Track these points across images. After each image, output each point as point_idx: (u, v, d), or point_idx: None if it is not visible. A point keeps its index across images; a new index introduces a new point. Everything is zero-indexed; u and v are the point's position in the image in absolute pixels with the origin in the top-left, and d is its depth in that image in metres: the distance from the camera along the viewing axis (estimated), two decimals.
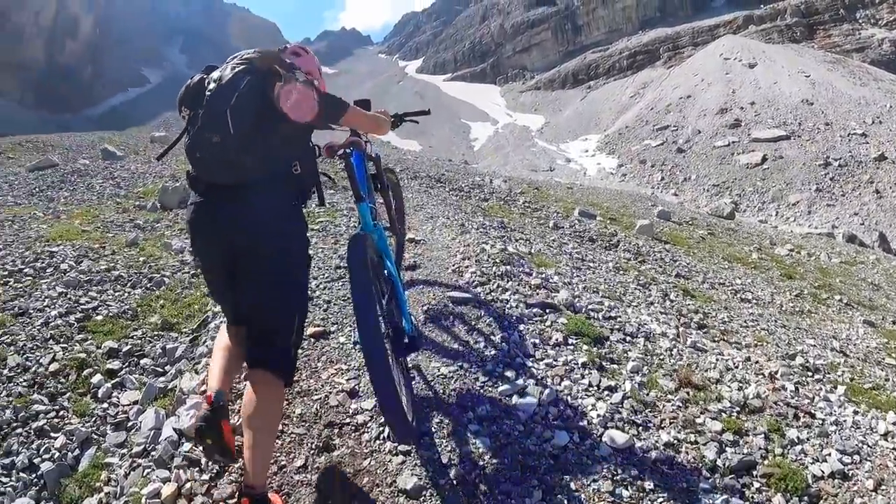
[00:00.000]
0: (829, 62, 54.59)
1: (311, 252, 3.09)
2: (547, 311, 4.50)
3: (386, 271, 3.17)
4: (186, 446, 3.02)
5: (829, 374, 4.82)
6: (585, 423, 3.18)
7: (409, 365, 3.54)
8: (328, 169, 3.49)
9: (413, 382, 3.41)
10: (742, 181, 40.24)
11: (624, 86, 72.41)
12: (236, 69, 2.57)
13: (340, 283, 4.70)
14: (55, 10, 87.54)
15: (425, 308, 4.36)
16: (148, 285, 5.44)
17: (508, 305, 4.50)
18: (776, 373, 4.37)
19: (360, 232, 2.96)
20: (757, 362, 4.59)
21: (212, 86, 2.55)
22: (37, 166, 12.50)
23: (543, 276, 5.46)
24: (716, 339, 5.13)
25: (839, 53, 59.66)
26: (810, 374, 4.66)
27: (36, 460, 3.43)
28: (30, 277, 5.30)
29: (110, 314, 4.75)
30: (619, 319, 4.73)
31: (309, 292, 4.06)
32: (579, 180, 44.47)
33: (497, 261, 5.47)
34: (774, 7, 68.74)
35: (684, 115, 52.48)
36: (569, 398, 3.38)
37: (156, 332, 4.60)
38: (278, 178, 2.67)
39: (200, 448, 2.35)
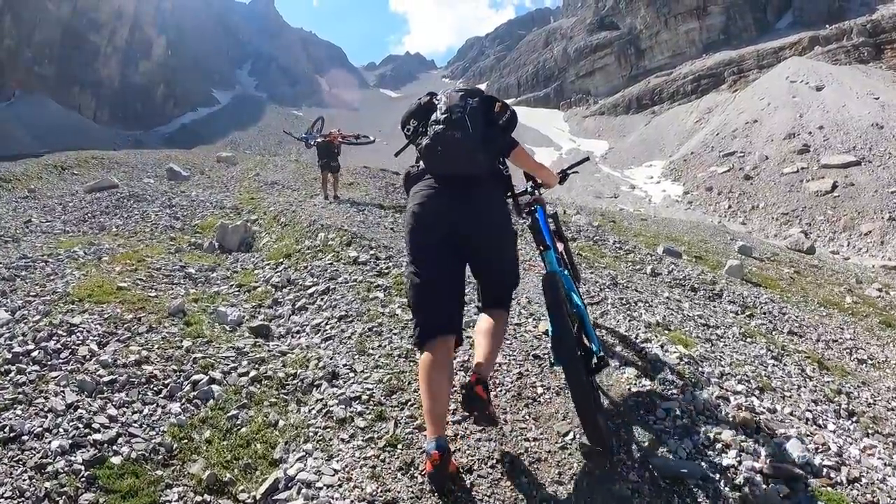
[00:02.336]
0: None
1: None
2: (791, 484, 3.19)
3: (574, 307, 3.44)
4: None
5: None
6: None
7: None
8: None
9: None
10: (812, 209, 38.01)
11: (688, 110, 70.37)
12: (460, 92, 3.31)
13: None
14: (129, 32, 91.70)
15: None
16: (190, 395, 4.02)
17: (739, 480, 3.13)
18: None
19: (552, 269, 3.43)
20: None
21: (444, 99, 3.28)
22: (95, 187, 12.26)
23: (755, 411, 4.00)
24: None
25: None
26: None
27: None
28: (37, 367, 4.06)
29: (133, 454, 3.31)
30: (862, 482, 3.41)
31: None
32: (644, 208, 43.12)
33: (687, 378, 4.09)
34: (839, 27, 65.45)
35: (751, 140, 50.35)
36: None
37: (199, 498, 3.09)
38: (497, 176, 3.40)
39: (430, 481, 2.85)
